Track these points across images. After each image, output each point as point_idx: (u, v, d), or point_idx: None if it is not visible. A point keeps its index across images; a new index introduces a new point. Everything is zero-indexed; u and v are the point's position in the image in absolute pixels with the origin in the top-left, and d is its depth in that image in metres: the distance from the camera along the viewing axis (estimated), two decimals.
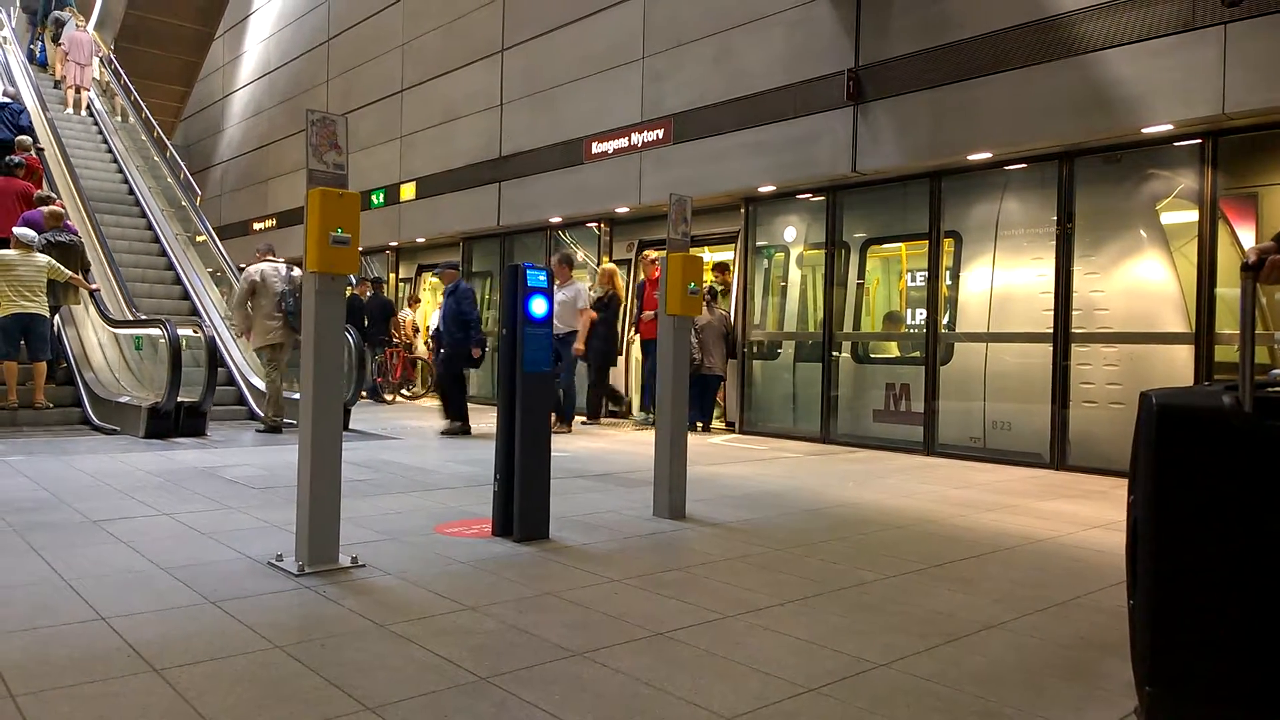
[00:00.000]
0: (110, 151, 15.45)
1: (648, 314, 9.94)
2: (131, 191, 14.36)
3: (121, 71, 17.69)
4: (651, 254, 10.23)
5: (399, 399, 13.85)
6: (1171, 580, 2.17)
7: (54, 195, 11.29)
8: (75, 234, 10.20)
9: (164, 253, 12.98)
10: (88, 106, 16.44)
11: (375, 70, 16.22)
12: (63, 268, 9.25)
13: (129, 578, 3.50)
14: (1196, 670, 2.14)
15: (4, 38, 17.66)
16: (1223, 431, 2.12)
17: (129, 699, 2.36)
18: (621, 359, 11.33)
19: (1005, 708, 2.48)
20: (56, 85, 16.93)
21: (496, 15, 13.37)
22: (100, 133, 15.98)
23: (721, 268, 10.65)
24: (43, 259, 9.06)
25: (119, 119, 16.70)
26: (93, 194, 12.92)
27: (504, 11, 13.25)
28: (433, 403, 13.54)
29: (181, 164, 15.54)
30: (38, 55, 17.73)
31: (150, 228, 13.54)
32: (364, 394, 11.01)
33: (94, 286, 10.14)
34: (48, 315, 9.08)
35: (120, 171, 14.91)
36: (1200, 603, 2.15)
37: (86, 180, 13.28)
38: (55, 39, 17.02)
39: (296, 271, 8.81)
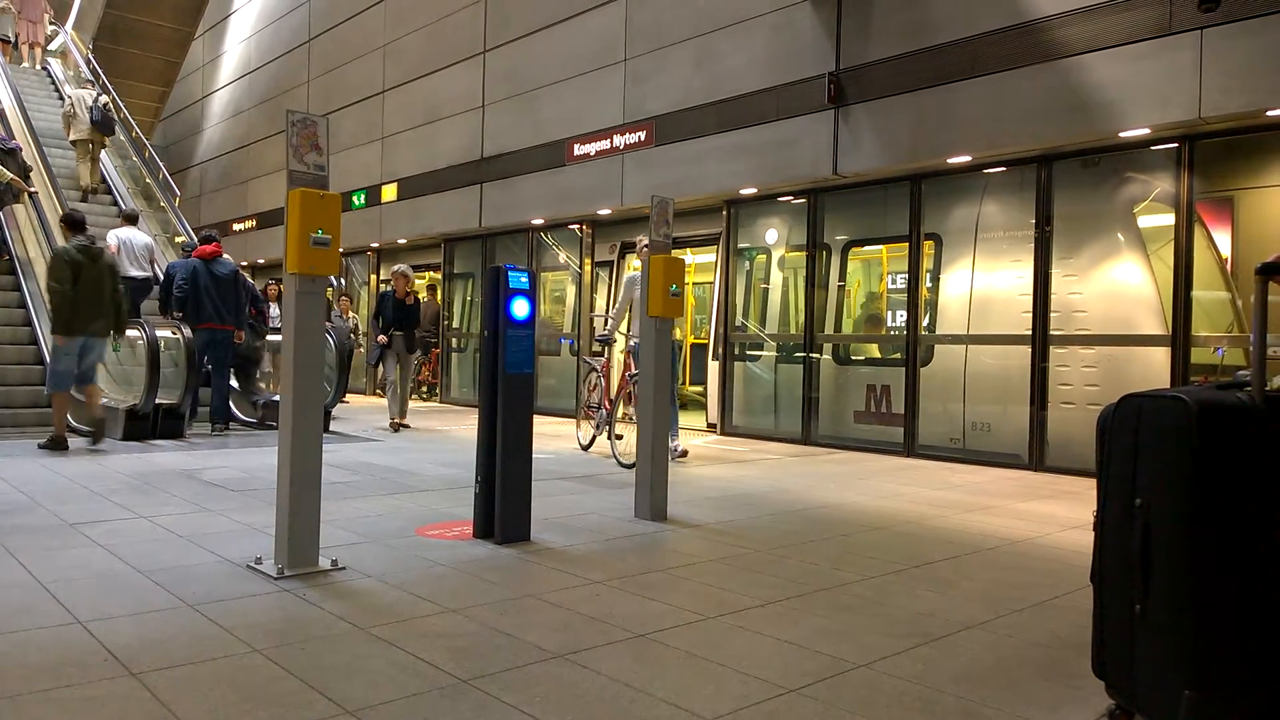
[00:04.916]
0: (61, 99, 16.46)
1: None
2: None
3: (100, 70, 17.55)
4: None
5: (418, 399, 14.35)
6: (1215, 579, 2.11)
7: None
8: (18, 146, 11.69)
9: (104, 179, 14.04)
10: (42, 62, 17.39)
11: (357, 71, 16.15)
12: (4, 169, 10.83)
13: (106, 581, 3.47)
14: (1240, 668, 2.12)
15: None
16: (1256, 429, 2.14)
17: (106, 703, 2.34)
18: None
19: (984, 707, 2.51)
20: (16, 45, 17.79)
21: (479, 17, 13.34)
22: (52, 83, 17.22)
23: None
24: None
25: (72, 72, 17.62)
26: (43, 132, 14.26)
27: (486, 13, 13.23)
28: (427, 404, 13.51)
29: (160, 164, 15.44)
30: None
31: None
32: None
33: (32, 189, 11.46)
34: None
35: None
36: (1244, 600, 2.12)
37: (39, 122, 14.51)
38: None
39: (104, 98, 13.35)
